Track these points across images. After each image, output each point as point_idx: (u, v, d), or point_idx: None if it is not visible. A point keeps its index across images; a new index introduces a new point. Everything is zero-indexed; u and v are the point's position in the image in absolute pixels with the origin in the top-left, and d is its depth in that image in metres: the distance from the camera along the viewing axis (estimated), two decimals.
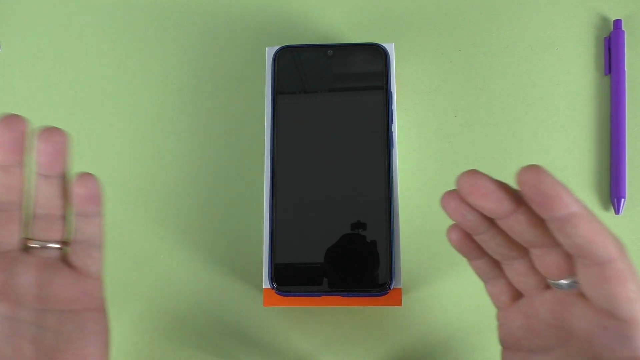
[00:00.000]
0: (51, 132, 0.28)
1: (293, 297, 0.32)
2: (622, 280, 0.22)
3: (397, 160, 0.35)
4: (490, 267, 0.27)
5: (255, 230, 0.37)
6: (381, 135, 0.33)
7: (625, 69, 0.38)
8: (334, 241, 0.32)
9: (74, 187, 0.28)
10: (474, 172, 0.23)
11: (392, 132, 0.33)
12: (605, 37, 0.39)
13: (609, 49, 0.38)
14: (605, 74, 0.38)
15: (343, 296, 0.32)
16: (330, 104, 0.34)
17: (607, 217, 0.37)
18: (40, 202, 0.29)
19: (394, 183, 0.33)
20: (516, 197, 0.23)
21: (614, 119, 0.37)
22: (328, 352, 0.35)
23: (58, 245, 0.29)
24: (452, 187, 0.37)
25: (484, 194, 0.23)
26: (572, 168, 0.37)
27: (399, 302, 0.32)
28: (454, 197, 0.24)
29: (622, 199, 0.36)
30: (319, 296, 0.32)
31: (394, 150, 0.33)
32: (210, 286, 0.37)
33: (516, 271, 0.26)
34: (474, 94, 0.39)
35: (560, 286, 0.24)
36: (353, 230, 0.32)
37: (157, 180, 0.38)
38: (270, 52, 0.35)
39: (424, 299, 0.36)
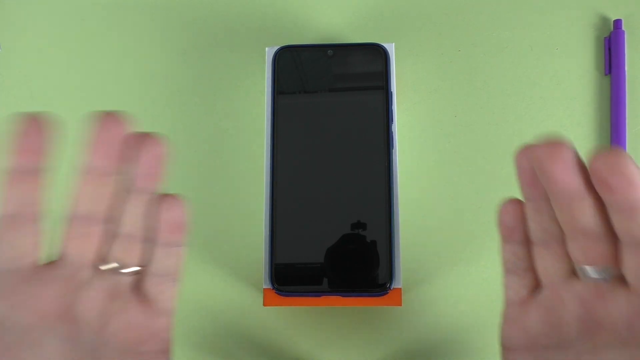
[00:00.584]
0: (153, 139, 0.24)
1: (293, 297, 0.32)
2: None
3: (397, 160, 0.35)
4: (524, 255, 0.26)
5: (255, 230, 0.37)
6: (381, 135, 0.33)
7: (626, 69, 0.38)
8: (334, 241, 0.32)
9: (161, 210, 0.24)
10: (561, 141, 0.22)
11: (392, 132, 0.33)
12: (605, 37, 0.39)
13: (609, 49, 0.38)
14: (605, 74, 0.38)
15: (343, 296, 0.32)
16: (330, 104, 0.34)
17: None
18: (125, 219, 0.24)
19: (394, 183, 0.33)
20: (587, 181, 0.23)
21: (614, 119, 0.37)
22: (328, 352, 0.35)
23: (132, 272, 0.25)
24: (452, 187, 0.37)
25: (565, 164, 0.22)
26: None
27: (399, 302, 0.32)
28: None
29: None
30: (319, 296, 0.32)
31: (394, 150, 0.33)
32: (210, 286, 0.37)
33: (553, 254, 0.25)
34: (474, 94, 0.39)
35: (593, 277, 0.24)
36: (353, 230, 0.32)
37: None
38: (270, 52, 0.35)
39: (424, 299, 0.36)
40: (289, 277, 0.32)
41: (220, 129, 0.39)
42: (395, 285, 0.32)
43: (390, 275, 0.32)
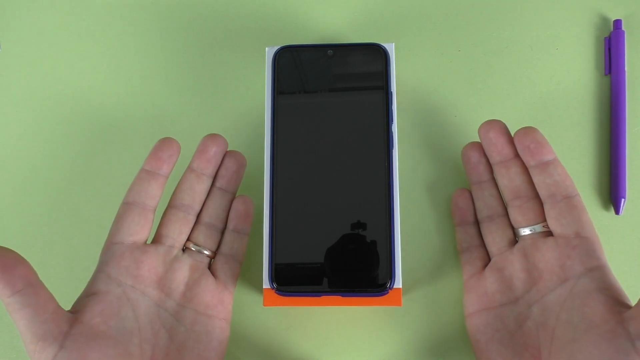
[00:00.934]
0: (237, 153, 0.34)
1: (293, 297, 0.32)
2: (584, 209, 0.30)
3: (397, 160, 0.35)
4: (476, 233, 0.34)
5: (256, 230, 0.37)
6: (381, 135, 0.33)
7: (625, 69, 0.38)
8: (334, 241, 0.32)
9: (235, 203, 0.34)
10: (494, 121, 0.32)
11: (392, 132, 0.33)
12: (605, 37, 0.39)
13: (609, 49, 0.38)
14: (605, 74, 0.38)
15: (343, 296, 0.32)
16: (330, 104, 0.34)
17: (607, 217, 0.37)
18: (210, 212, 0.33)
19: (394, 183, 0.33)
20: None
21: (614, 119, 0.37)
22: (328, 352, 0.35)
23: (210, 253, 0.33)
24: (452, 187, 0.37)
25: (502, 133, 0.32)
26: (572, 168, 0.37)
27: (399, 302, 0.32)
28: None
29: (622, 199, 0.36)
30: (319, 296, 0.32)
31: (394, 150, 0.33)
32: None
33: (497, 226, 0.33)
34: (474, 94, 0.39)
35: (528, 234, 0.31)
36: (353, 230, 0.32)
37: None
38: (270, 52, 0.35)
39: (424, 299, 0.36)
40: (289, 277, 0.32)
41: (220, 129, 0.39)
42: (395, 285, 0.32)
43: (390, 275, 0.32)
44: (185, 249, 0.33)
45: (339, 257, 0.32)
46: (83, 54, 0.41)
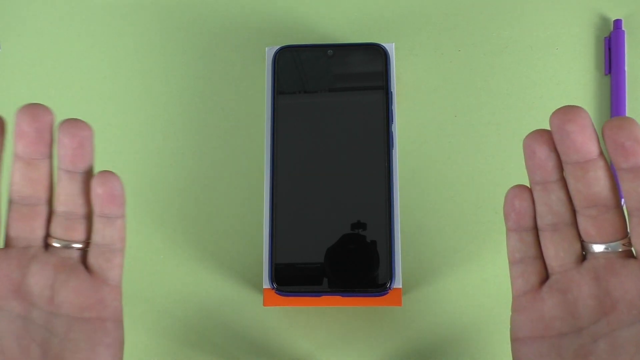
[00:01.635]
0: (74, 124, 0.26)
1: (293, 297, 0.32)
2: None
3: (397, 160, 0.35)
4: (534, 242, 0.27)
5: (255, 230, 0.37)
6: (381, 135, 0.33)
7: (625, 69, 0.38)
8: (334, 241, 0.32)
9: (93, 185, 0.26)
10: (575, 108, 0.24)
11: (392, 132, 0.33)
12: (605, 37, 0.39)
13: (609, 49, 0.38)
14: (605, 74, 0.38)
15: (343, 296, 0.32)
16: (330, 104, 0.34)
17: None
18: (62, 199, 0.27)
19: (394, 183, 0.33)
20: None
21: None
22: (328, 352, 0.35)
23: (80, 246, 0.27)
24: (452, 188, 0.37)
25: (582, 125, 0.23)
26: None
27: (399, 302, 0.32)
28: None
29: (622, 199, 0.36)
30: (319, 296, 0.32)
31: (394, 150, 0.33)
32: (210, 286, 0.37)
33: (563, 237, 0.26)
34: (474, 94, 0.39)
35: (602, 252, 0.25)
36: (353, 230, 0.32)
37: (157, 181, 0.38)
38: (270, 52, 0.35)
39: (424, 299, 0.36)
40: (289, 277, 0.32)
41: (221, 129, 0.39)
42: (395, 285, 0.32)
43: (390, 275, 0.32)
44: (48, 246, 0.27)
45: (339, 257, 0.32)
46: (83, 54, 0.41)
